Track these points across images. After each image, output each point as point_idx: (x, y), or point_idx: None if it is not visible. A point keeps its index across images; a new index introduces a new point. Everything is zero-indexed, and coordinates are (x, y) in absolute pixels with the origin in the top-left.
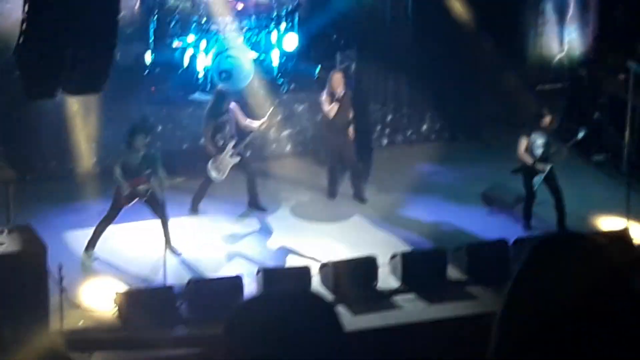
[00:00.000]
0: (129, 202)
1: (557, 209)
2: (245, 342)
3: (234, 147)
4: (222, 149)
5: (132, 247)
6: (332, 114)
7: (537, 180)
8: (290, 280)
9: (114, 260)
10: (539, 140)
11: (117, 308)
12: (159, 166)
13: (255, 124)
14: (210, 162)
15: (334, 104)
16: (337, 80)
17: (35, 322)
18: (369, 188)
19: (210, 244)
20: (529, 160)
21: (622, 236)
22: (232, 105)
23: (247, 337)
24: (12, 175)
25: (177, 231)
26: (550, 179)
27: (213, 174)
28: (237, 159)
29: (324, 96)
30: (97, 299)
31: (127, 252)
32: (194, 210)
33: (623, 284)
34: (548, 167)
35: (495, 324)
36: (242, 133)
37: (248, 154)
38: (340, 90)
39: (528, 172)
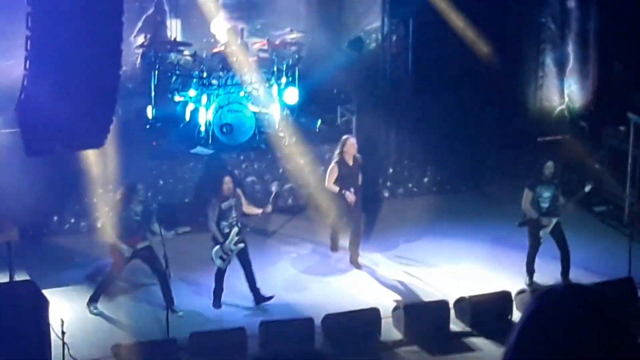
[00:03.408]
0: (129, 261)
1: (562, 262)
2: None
3: (237, 234)
4: (227, 236)
5: (134, 300)
6: (329, 188)
7: (543, 233)
8: (293, 332)
9: (116, 313)
10: (545, 194)
11: None
12: (155, 222)
13: (257, 210)
14: (214, 250)
15: (336, 185)
16: (351, 146)
17: None
18: (371, 239)
19: (209, 296)
20: (533, 213)
21: (625, 287)
22: (237, 190)
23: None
24: (14, 233)
25: (180, 286)
26: (556, 232)
27: (219, 262)
28: (241, 246)
29: (332, 164)
30: (100, 353)
31: (129, 305)
32: (218, 304)
33: (627, 335)
34: (554, 221)
35: None
36: (246, 219)
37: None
38: (352, 158)
39: (533, 225)
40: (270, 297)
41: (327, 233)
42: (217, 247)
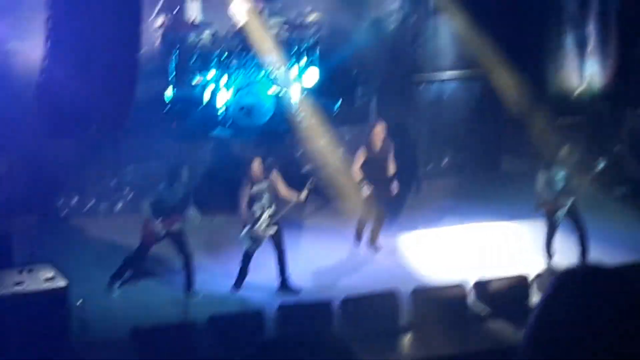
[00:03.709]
0: (159, 241)
1: (580, 243)
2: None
3: (270, 217)
4: (258, 219)
5: (155, 282)
6: (355, 174)
7: (560, 214)
8: (311, 315)
9: (136, 295)
10: (559, 174)
11: (139, 344)
12: (191, 203)
13: (295, 195)
14: (244, 232)
15: (361, 174)
16: (379, 133)
17: (57, 358)
18: (391, 221)
19: (232, 279)
20: (548, 195)
21: None
22: (274, 173)
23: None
24: (34, 216)
25: (202, 269)
26: (573, 213)
27: (247, 245)
28: (273, 230)
29: (360, 150)
30: (118, 334)
31: (149, 287)
32: (238, 286)
33: None
34: (570, 201)
35: (518, 357)
36: (280, 203)
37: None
38: (379, 145)
39: (550, 207)
40: (297, 291)
41: (346, 214)
42: (246, 229)
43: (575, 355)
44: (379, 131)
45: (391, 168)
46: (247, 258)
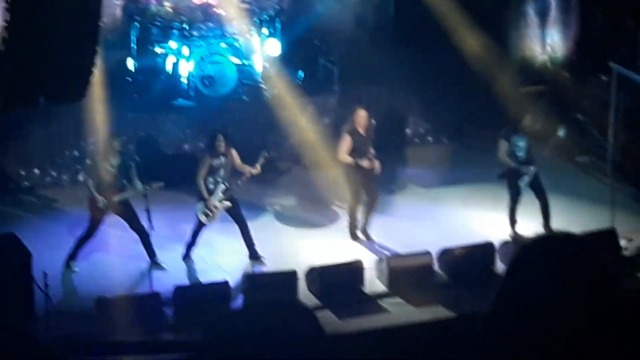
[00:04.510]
0: (105, 215)
1: (542, 211)
2: (226, 352)
3: (224, 192)
4: (212, 192)
5: (119, 254)
6: (343, 160)
7: (523, 183)
8: (276, 285)
9: (100, 267)
10: (519, 143)
11: (103, 314)
12: (134, 175)
13: (247, 169)
14: (199, 205)
15: (351, 156)
16: (362, 118)
17: (21, 329)
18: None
19: (195, 250)
20: (511, 163)
21: (608, 236)
22: (231, 150)
23: (228, 347)
24: None
25: (162, 240)
26: (534, 182)
27: (202, 217)
28: (227, 204)
29: (343, 134)
30: (83, 306)
31: (113, 260)
32: (187, 256)
33: (611, 282)
34: (532, 170)
35: (484, 322)
36: (232, 177)
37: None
38: (363, 129)
39: (512, 176)
40: (262, 259)
41: (326, 196)
42: (201, 202)
43: (541, 322)
44: (362, 116)
45: (371, 149)
46: (197, 229)
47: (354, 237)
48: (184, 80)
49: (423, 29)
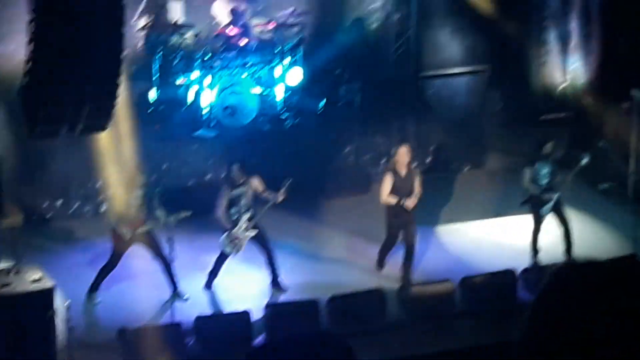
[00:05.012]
0: (129, 246)
1: (564, 238)
2: None
3: (249, 220)
4: (236, 223)
5: (140, 285)
6: (386, 201)
7: (546, 210)
8: (298, 315)
9: (122, 298)
10: (543, 170)
11: (125, 345)
12: (157, 206)
13: (272, 196)
14: (223, 236)
15: (392, 196)
16: (403, 154)
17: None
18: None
19: (217, 280)
20: (535, 190)
21: (631, 262)
22: (253, 178)
23: None
24: (19, 218)
25: (184, 270)
26: (557, 208)
27: (227, 249)
28: (253, 233)
29: (386, 174)
30: (105, 337)
31: (135, 290)
32: (209, 286)
33: (637, 308)
34: (555, 197)
35: (513, 353)
36: (257, 206)
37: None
38: (405, 167)
39: (535, 203)
40: (284, 290)
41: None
42: (226, 234)
43: (571, 350)
44: (402, 154)
45: (415, 193)
46: (221, 259)
47: (380, 266)
48: (206, 111)
49: (444, 57)
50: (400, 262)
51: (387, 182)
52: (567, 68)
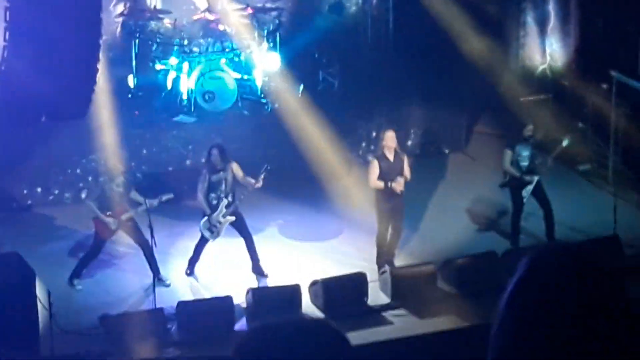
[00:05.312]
0: (113, 234)
1: (546, 220)
2: None
3: (227, 206)
4: (215, 208)
5: (121, 271)
6: (374, 186)
7: (526, 192)
8: (280, 299)
9: (103, 284)
10: (523, 152)
11: (107, 332)
12: (135, 191)
13: (251, 181)
14: (203, 221)
15: (380, 180)
16: (389, 138)
17: (25, 348)
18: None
19: (198, 265)
20: (515, 173)
21: (612, 243)
22: (233, 163)
23: None
24: None
25: (165, 256)
26: (538, 191)
27: (206, 233)
28: (232, 219)
29: (372, 159)
30: (87, 323)
31: (116, 277)
32: (191, 272)
33: (618, 290)
34: (535, 179)
35: (491, 335)
36: (236, 191)
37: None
38: (392, 152)
39: (516, 185)
40: (265, 274)
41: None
42: (205, 218)
43: (551, 330)
44: (389, 138)
45: (403, 173)
46: (201, 244)
47: (381, 266)
48: (185, 96)
49: (422, 40)
50: (389, 246)
51: (375, 167)
52: (546, 50)
